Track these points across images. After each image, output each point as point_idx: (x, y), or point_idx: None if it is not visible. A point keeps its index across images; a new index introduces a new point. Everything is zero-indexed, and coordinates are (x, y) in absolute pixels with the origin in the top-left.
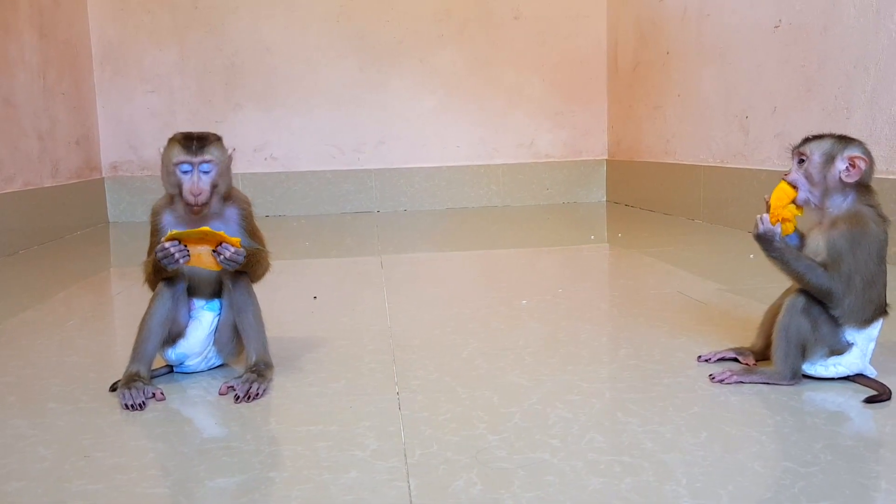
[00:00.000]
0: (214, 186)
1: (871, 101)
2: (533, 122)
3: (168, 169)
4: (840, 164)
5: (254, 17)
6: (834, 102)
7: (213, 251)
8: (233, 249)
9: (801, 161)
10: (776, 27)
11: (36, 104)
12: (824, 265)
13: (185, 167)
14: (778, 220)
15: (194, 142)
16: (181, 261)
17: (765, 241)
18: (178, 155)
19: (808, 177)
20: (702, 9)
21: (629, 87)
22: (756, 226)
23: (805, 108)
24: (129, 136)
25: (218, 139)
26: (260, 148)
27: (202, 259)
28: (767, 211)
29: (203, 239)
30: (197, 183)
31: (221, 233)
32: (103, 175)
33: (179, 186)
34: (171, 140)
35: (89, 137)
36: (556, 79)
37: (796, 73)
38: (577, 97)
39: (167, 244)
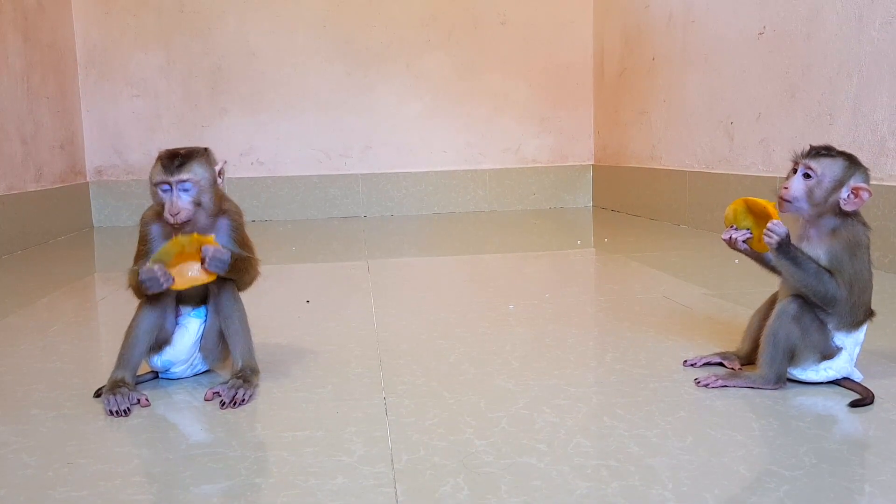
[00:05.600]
0: (198, 204)
1: (854, 108)
2: (519, 127)
3: (151, 188)
4: (844, 192)
5: (240, 21)
6: (817, 109)
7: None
8: (213, 248)
9: (808, 176)
10: (760, 34)
11: (20, 108)
12: (829, 272)
13: (165, 186)
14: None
15: (176, 160)
16: (165, 285)
17: (784, 245)
18: (158, 174)
19: (809, 195)
20: (687, 15)
21: (615, 92)
22: (771, 235)
23: (789, 115)
24: (114, 140)
25: (203, 155)
26: (246, 152)
27: (195, 279)
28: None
29: (182, 254)
30: (176, 202)
31: (194, 235)
32: (88, 179)
33: (162, 205)
34: (156, 159)
35: (74, 142)
36: (542, 84)
37: (780, 80)
38: (563, 103)
39: (154, 268)
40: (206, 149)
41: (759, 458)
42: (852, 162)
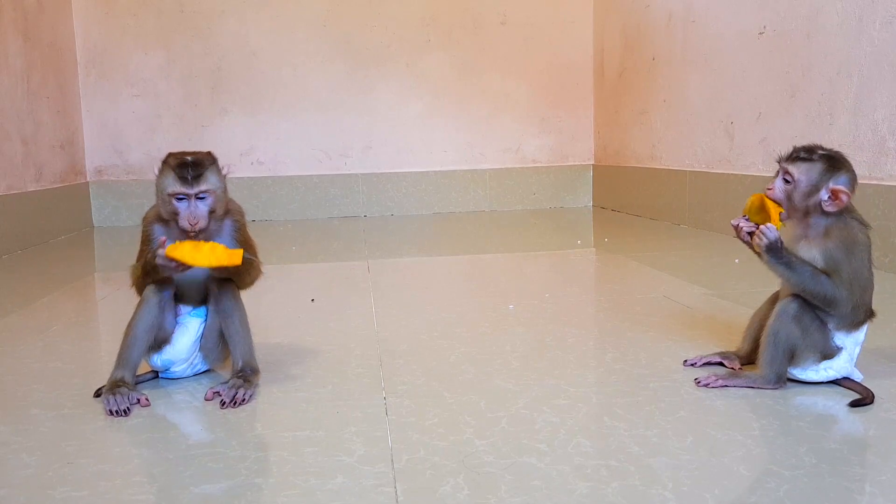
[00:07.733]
0: (212, 212)
1: (854, 108)
2: (520, 127)
3: (163, 197)
4: (823, 195)
5: (240, 20)
6: (817, 108)
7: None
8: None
9: (787, 181)
10: (761, 34)
11: (20, 108)
12: (825, 273)
13: (182, 196)
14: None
15: (189, 170)
16: (176, 269)
17: (774, 250)
18: (174, 185)
19: (789, 198)
20: (687, 16)
21: (615, 92)
22: (761, 237)
23: (789, 114)
24: (114, 140)
25: (213, 162)
26: (246, 152)
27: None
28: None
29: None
30: (194, 212)
31: (212, 244)
32: (88, 179)
33: (175, 214)
34: (165, 165)
35: (74, 141)
36: (542, 84)
37: (781, 80)
38: (563, 102)
39: (162, 255)
40: (210, 153)
41: (759, 458)
42: (832, 164)
